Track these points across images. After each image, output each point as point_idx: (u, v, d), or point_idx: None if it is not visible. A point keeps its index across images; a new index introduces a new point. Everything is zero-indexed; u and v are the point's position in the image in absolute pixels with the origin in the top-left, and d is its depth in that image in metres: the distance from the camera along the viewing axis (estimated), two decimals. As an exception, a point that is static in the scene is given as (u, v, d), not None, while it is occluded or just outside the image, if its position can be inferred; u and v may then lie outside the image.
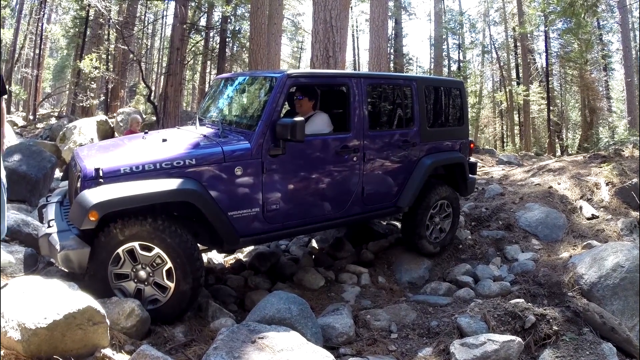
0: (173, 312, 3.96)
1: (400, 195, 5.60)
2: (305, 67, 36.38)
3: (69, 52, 29.22)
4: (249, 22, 16.82)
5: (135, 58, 20.43)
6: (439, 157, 5.94)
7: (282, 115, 4.67)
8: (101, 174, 3.75)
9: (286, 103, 5.26)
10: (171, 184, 3.89)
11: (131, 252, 3.81)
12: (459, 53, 36.43)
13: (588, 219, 7.03)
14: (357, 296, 5.30)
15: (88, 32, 22.95)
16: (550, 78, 27.57)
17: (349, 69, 32.73)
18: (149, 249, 3.83)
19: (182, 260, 3.89)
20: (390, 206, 5.59)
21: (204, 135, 4.68)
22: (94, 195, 3.58)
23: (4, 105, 3.85)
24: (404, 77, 6.41)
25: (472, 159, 6.75)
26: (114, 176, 3.81)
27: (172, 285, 3.90)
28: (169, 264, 3.87)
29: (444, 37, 33.64)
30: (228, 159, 4.23)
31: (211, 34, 26.56)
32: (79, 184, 3.84)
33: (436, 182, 6.03)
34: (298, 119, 4.30)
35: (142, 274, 3.86)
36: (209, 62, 29.55)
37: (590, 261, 4.90)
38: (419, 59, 54.48)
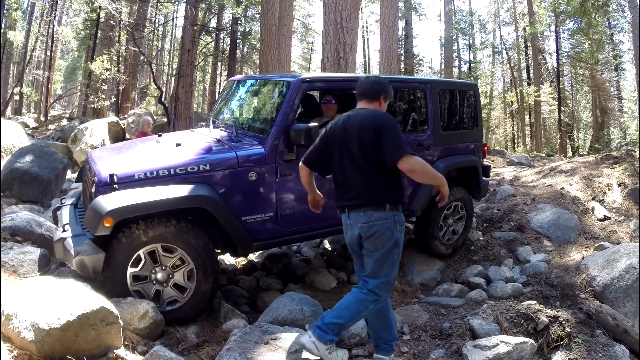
0: (192, 312, 3.99)
1: (414, 199, 5.54)
2: (315, 69, 36.43)
3: (80, 54, 29.47)
4: (259, 24, 16.84)
5: (146, 60, 20.50)
6: (453, 161, 5.89)
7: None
8: (116, 180, 3.76)
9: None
10: (185, 190, 3.89)
11: (152, 254, 3.83)
12: (469, 54, 36.35)
13: (600, 220, 6.99)
14: (368, 297, 5.28)
15: (99, 34, 23.11)
16: (561, 78, 27.45)
17: (359, 71, 32.69)
18: (171, 251, 3.86)
19: (204, 261, 3.92)
20: (404, 210, 5.54)
21: (218, 140, 4.65)
22: (109, 202, 3.59)
23: None
24: (417, 80, 6.37)
25: (485, 162, 6.71)
26: (129, 182, 3.82)
27: (192, 286, 3.93)
28: (191, 265, 3.90)
29: (454, 37, 33.54)
30: (242, 164, 4.23)
31: (222, 36, 26.66)
32: (93, 189, 3.86)
33: (450, 184, 5.97)
34: (312, 124, 4.27)
35: (162, 275, 3.89)
36: (219, 64, 29.63)
37: (603, 263, 4.88)
38: (430, 59, 54.37)
